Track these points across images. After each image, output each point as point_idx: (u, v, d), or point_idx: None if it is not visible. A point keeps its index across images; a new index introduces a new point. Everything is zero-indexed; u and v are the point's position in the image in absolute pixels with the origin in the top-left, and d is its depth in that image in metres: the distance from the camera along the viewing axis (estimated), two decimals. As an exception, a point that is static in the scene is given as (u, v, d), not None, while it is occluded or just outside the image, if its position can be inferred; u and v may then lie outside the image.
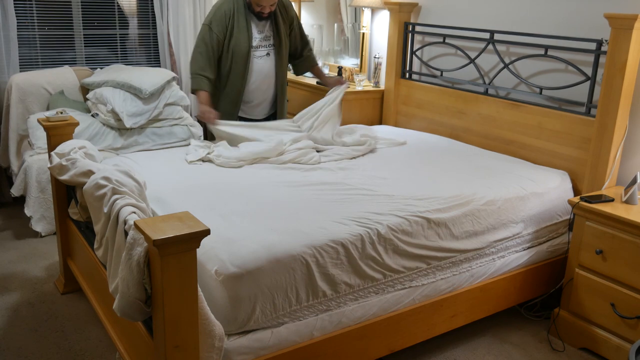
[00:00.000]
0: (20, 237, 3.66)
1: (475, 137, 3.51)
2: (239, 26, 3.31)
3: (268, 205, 2.39)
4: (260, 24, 3.40)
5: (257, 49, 3.41)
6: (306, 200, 2.44)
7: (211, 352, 1.81)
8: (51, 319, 2.78)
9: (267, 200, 2.44)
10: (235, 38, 3.31)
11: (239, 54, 3.34)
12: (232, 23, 3.30)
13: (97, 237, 2.23)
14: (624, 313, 2.50)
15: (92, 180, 2.25)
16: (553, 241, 2.87)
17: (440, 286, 2.45)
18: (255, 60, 3.42)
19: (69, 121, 2.78)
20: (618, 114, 2.71)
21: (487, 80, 3.52)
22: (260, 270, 1.94)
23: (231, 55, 3.34)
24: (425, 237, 2.37)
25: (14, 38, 4.03)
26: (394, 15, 3.94)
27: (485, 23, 3.47)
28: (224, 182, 2.66)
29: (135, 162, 2.89)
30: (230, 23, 3.30)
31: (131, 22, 4.64)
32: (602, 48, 2.85)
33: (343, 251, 2.14)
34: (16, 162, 3.87)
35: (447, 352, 2.63)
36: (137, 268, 1.72)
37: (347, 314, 2.18)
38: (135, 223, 1.67)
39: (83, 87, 4.17)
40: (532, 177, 2.87)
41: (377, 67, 4.23)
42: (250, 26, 3.36)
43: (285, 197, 2.48)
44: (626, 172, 2.87)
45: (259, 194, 2.51)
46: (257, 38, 3.40)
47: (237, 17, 3.31)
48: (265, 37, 3.43)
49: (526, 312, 2.95)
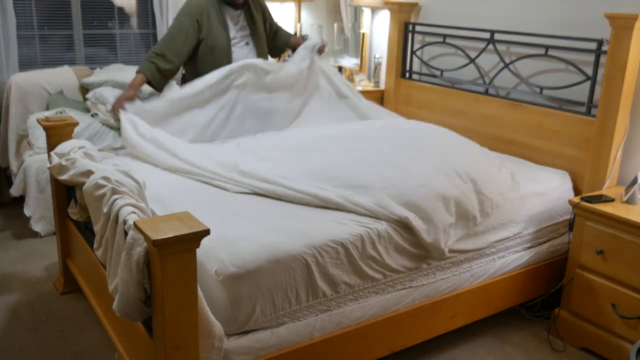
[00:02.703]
0: (20, 237, 3.65)
1: (476, 137, 3.50)
2: (214, 22, 3.30)
3: (268, 205, 2.38)
4: (235, 15, 3.38)
5: (236, 40, 3.40)
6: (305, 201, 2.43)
7: (211, 352, 1.81)
8: (51, 319, 2.77)
9: (268, 200, 2.44)
10: (212, 34, 3.29)
11: (220, 49, 3.31)
12: (204, 19, 3.28)
13: (97, 237, 2.22)
14: (625, 313, 2.49)
15: (91, 180, 2.25)
16: (553, 241, 2.87)
17: (441, 286, 2.45)
18: (237, 51, 3.40)
19: (69, 121, 2.78)
20: (618, 114, 2.71)
21: (487, 80, 3.51)
22: (260, 270, 1.94)
23: (211, 51, 3.31)
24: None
25: (13, 38, 4.02)
26: (394, 15, 3.94)
27: (486, 23, 3.47)
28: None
29: (135, 162, 2.89)
30: (203, 20, 3.27)
31: (131, 22, 4.63)
32: (602, 48, 2.85)
33: (343, 251, 2.13)
34: (15, 162, 3.87)
35: (447, 352, 2.63)
36: (136, 268, 1.71)
37: (347, 314, 2.18)
38: (135, 223, 1.66)
39: (82, 87, 4.17)
40: (533, 177, 2.87)
41: (377, 67, 4.23)
42: (225, 19, 3.34)
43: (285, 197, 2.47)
44: (627, 172, 2.87)
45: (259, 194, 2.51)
46: (234, 30, 3.39)
47: (209, 13, 3.29)
48: (241, 27, 3.42)
49: (526, 312, 2.95)
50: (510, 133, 3.30)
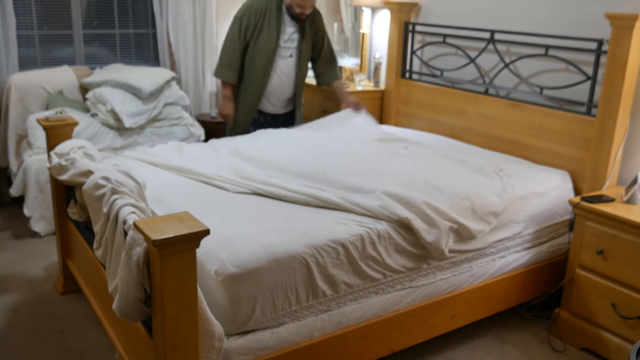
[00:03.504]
0: (19, 237, 3.65)
1: (476, 137, 3.50)
2: (269, 25, 3.49)
3: (268, 205, 2.38)
4: (290, 26, 3.56)
5: (283, 49, 3.58)
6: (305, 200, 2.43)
7: (211, 352, 1.81)
8: (50, 319, 2.77)
9: (267, 200, 2.43)
10: (263, 35, 3.50)
11: (265, 52, 3.52)
12: (262, 20, 3.48)
13: (97, 237, 2.22)
14: (625, 313, 2.49)
15: (91, 180, 2.25)
16: (554, 241, 2.87)
17: (441, 286, 2.45)
18: (279, 60, 3.59)
19: (68, 121, 2.78)
20: (619, 114, 2.71)
21: (487, 80, 3.51)
22: (260, 270, 1.94)
23: (257, 51, 3.51)
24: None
25: (12, 37, 4.02)
26: (394, 14, 3.93)
27: (486, 23, 3.47)
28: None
29: (135, 162, 2.89)
30: (261, 20, 3.48)
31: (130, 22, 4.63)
32: (602, 48, 2.85)
33: (343, 251, 2.13)
34: (15, 162, 3.86)
35: (447, 352, 2.63)
36: (136, 268, 1.71)
37: (347, 314, 2.18)
38: (135, 223, 1.66)
39: (82, 87, 4.17)
40: (533, 177, 2.86)
41: (377, 67, 4.23)
42: (280, 26, 3.53)
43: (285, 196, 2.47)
44: (627, 172, 2.87)
45: (259, 194, 2.51)
46: (284, 39, 3.57)
47: (268, 16, 3.49)
48: (291, 39, 3.59)
49: (527, 312, 2.95)
50: (510, 133, 3.30)
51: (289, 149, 2.98)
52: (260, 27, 3.50)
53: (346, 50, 4.80)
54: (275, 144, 3.08)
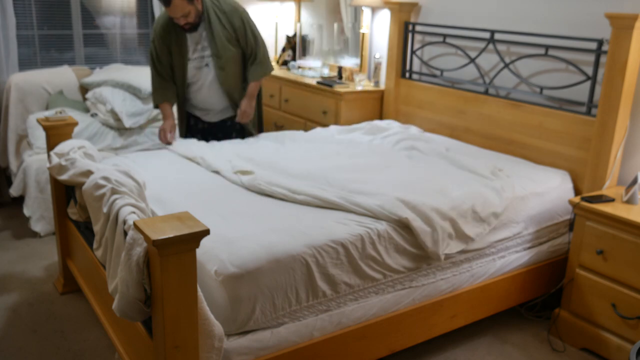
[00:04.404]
0: (19, 237, 3.65)
1: (476, 137, 3.50)
2: (176, 39, 3.28)
3: (268, 205, 2.38)
4: (194, 34, 3.30)
5: (196, 60, 3.35)
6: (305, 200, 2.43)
7: (211, 352, 1.81)
8: (50, 320, 2.77)
9: (267, 200, 2.43)
10: (174, 50, 3.31)
11: (178, 65, 3.33)
12: (170, 36, 3.28)
13: (97, 237, 2.22)
14: (625, 313, 2.49)
15: (91, 180, 2.25)
16: (554, 241, 2.87)
17: (441, 286, 2.45)
18: (194, 72, 3.37)
19: (68, 121, 2.78)
20: (619, 114, 2.71)
21: (487, 80, 3.51)
22: (260, 270, 1.94)
23: (175, 67, 3.34)
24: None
25: (12, 37, 4.02)
26: (394, 14, 3.93)
27: (486, 22, 3.47)
28: (224, 182, 2.65)
29: (135, 162, 2.89)
30: (168, 37, 3.28)
31: (131, 22, 4.63)
32: (602, 48, 2.85)
33: (343, 251, 2.13)
34: (15, 162, 3.87)
35: (447, 352, 2.63)
36: (136, 268, 1.71)
37: (347, 314, 2.18)
38: (135, 223, 1.66)
39: (82, 87, 4.17)
40: (533, 177, 2.86)
41: (377, 67, 4.23)
42: (184, 38, 3.29)
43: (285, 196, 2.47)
44: (627, 172, 2.87)
45: (259, 194, 2.51)
46: (192, 49, 3.33)
47: (173, 30, 3.27)
48: (202, 48, 3.34)
49: (527, 312, 2.95)
50: (510, 133, 3.30)
51: (297, 155, 3.00)
52: (168, 44, 3.29)
53: (346, 50, 4.80)
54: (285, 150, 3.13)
